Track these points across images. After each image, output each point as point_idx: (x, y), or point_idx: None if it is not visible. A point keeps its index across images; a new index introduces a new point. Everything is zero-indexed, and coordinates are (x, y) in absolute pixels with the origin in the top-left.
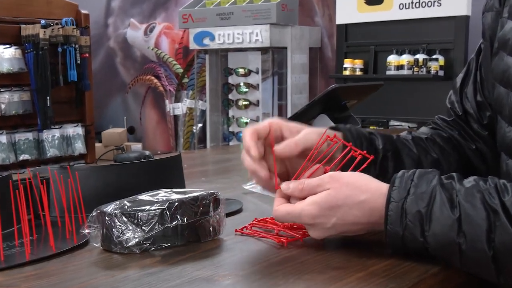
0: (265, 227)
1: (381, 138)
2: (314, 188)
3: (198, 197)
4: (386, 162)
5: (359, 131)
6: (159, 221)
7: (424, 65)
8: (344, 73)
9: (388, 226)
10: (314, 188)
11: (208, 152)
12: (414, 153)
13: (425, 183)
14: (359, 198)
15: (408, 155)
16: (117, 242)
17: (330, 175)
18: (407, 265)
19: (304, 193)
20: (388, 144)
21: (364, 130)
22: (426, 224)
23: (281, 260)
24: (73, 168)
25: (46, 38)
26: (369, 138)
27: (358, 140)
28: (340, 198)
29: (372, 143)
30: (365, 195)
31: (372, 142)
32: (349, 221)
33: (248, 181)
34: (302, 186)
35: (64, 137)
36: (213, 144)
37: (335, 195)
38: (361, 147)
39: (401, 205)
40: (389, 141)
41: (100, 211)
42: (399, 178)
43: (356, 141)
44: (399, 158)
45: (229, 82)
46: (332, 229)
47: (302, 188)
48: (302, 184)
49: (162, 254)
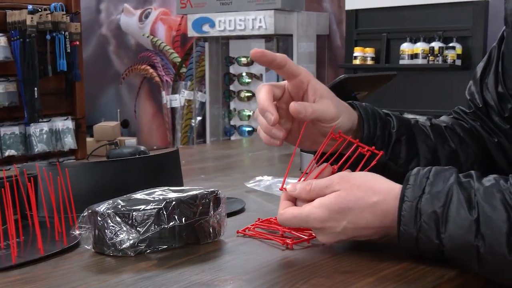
0: (269, 228)
1: (397, 120)
2: (323, 189)
3: (197, 195)
4: (398, 147)
5: (375, 110)
6: (155, 222)
7: (440, 54)
8: (354, 63)
9: (401, 227)
10: (322, 189)
11: (207, 148)
12: (431, 140)
13: (442, 181)
14: (371, 200)
15: (424, 142)
16: (110, 244)
17: (340, 176)
18: (421, 269)
19: (312, 194)
20: (403, 128)
21: (380, 110)
22: (442, 225)
23: (286, 264)
24: (62, 165)
25: (33, 24)
26: (384, 119)
27: (372, 119)
28: (351, 200)
29: (386, 125)
30: (378, 196)
31: (385, 124)
32: (360, 225)
33: (251, 179)
34: (309, 187)
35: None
36: (213, 139)
37: (346, 197)
38: (375, 127)
39: (416, 205)
40: (405, 125)
41: (92, 211)
42: (414, 176)
43: (370, 120)
44: (414, 144)
45: (230, 72)
46: (342, 233)
47: (310, 189)
48: (310, 185)
49: (158, 257)
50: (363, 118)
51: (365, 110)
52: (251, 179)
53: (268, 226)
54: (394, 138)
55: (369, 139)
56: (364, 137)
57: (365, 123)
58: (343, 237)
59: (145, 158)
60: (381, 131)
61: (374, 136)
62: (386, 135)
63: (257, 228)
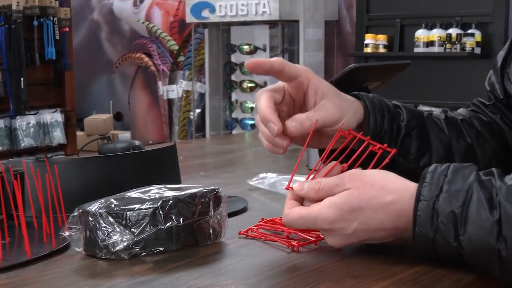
0: (274, 228)
1: (407, 112)
2: (333, 188)
3: (196, 194)
4: (408, 141)
5: (382, 102)
6: (150, 222)
7: (458, 41)
8: (366, 51)
9: (417, 228)
10: (332, 188)
11: (207, 142)
12: (445, 135)
13: (461, 179)
14: (385, 200)
15: (437, 136)
16: (102, 247)
17: (351, 173)
18: (437, 273)
19: (321, 194)
20: (414, 121)
21: (389, 101)
22: (461, 226)
23: (292, 267)
24: (51, 161)
25: (19, 10)
26: (393, 111)
27: (379, 112)
28: (363, 199)
29: (395, 118)
30: (392, 195)
31: (394, 117)
32: (373, 227)
33: (254, 176)
34: (318, 186)
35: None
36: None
37: (358, 196)
38: (382, 120)
39: (432, 204)
40: (416, 118)
41: (83, 211)
42: (431, 173)
43: (377, 113)
44: (426, 139)
45: (232, 61)
46: (353, 235)
47: (319, 188)
48: (319, 183)
49: (154, 260)
50: (369, 111)
51: (372, 102)
52: (254, 176)
53: (272, 227)
54: (404, 132)
55: (376, 133)
56: (370, 131)
57: (371, 116)
58: (354, 239)
59: (140, 153)
60: (389, 125)
61: (381, 130)
62: (394, 128)
63: (261, 229)
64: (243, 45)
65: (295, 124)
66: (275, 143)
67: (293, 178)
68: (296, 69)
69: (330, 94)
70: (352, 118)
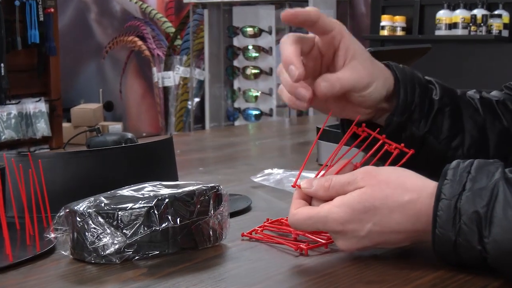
0: (280, 230)
1: (440, 88)
2: (345, 186)
3: (195, 192)
4: (440, 119)
5: (414, 74)
6: (144, 223)
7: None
8: (382, 33)
9: (437, 229)
10: (344, 186)
11: (207, 135)
12: (480, 115)
13: (485, 176)
14: (402, 199)
15: (471, 117)
16: (91, 250)
17: (364, 170)
18: (460, 279)
19: (332, 192)
20: (447, 98)
21: (421, 75)
22: (486, 228)
23: (300, 273)
24: (35, 155)
25: None
26: (425, 85)
27: (410, 84)
28: (378, 198)
29: (427, 92)
30: (410, 194)
31: (426, 91)
32: (388, 228)
33: (258, 172)
34: (329, 184)
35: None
36: (213, 124)
37: (372, 194)
38: (413, 93)
39: (454, 204)
40: (449, 95)
41: (70, 210)
42: (453, 170)
43: (407, 85)
44: (459, 118)
45: (234, 45)
46: (366, 238)
47: (329, 186)
48: (329, 181)
49: (148, 265)
50: (400, 81)
51: (403, 72)
52: (259, 172)
53: (278, 228)
54: (436, 107)
55: (406, 106)
56: (400, 103)
57: (402, 87)
58: (367, 242)
59: (132, 147)
60: (420, 98)
61: (412, 103)
62: (426, 103)
63: (266, 230)
64: (246, 27)
65: (326, 85)
66: (297, 94)
67: (301, 174)
68: (330, 22)
69: (362, 55)
70: (381, 86)
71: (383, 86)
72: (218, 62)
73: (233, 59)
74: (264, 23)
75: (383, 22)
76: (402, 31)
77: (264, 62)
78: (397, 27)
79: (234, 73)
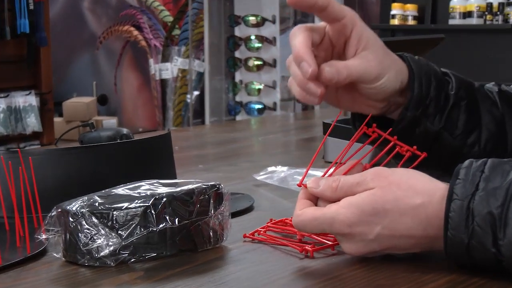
0: (284, 231)
1: (456, 81)
2: (353, 187)
3: (194, 190)
4: (456, 113)
5: (430, 66)
6: (141, 224)
7: (500, 12)
8: (392, 23)
9: (449, 231)
10: (353, 187)
11: (207, 130)
12: (498, 110)
13: (500, 175)
14: (413, 202)
15: (489, 111)
16: (84, 252)
17: (375, 171)
18: (474, 282)
19: (339, 193)
20: (464, 91)
21: (437, 67)
22: (500, 230)
23: (305, 276)
24: (25, 152)
25: None
26: (440, 78)
27: (426, 76)
28: (389, 200)
29: (442, 86)
30: (422, 197)
31: (442, 84)
32: (398, 232)
33: (261, 170)
34: (336, 184)
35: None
36: (214, 119)
37: (382, 196)
38: (428, 86)
39: (467, 204)
40: (466, 87)
41: (62, 210)
42: (465, 169)
43: (422, 77)
44: (476, 112)
45: (235, 35)
46: (375, 242)
47: (337, 186)
48: (337, 181)
49: (145, 268)
50: (414, 74)
51: (418, 64)
52: (262, 170)
53: (282, 228)
54: (452, 101)
55: (420, 100)
56: (414, 97)
57: (416, 80)
58: (376, 246)
59: (128, 143)
60: (435, 92)
61: (427, 97)
62: (442, 97)
63: (269, 231)
64: (248, 16)
65: (330, 70)
66: (307, 89)
67: (308, 173)
68: (341, 9)
69: (375, 45)
70: (394, 78)
71: (395, 78)
72: (218, 53)
73: (235, 50)
74: (267, 11)
75: (394, 10)
76: (413, 20)
77: (268, 53)
78: (408, 16)
79: (235, 64)
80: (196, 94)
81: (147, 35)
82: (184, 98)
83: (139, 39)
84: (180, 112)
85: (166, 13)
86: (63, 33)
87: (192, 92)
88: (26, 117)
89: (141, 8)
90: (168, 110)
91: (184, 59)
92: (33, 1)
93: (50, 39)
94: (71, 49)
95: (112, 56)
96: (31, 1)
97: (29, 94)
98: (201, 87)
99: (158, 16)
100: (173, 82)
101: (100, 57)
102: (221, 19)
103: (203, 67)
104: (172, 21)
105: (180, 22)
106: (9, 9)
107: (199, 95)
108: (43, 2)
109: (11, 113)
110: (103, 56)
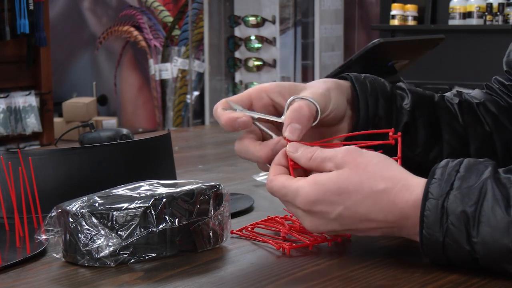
0: (271, 228)
1: (413, 97)
2: (324, 161)
3: (194, 191)
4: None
5: (377, 84)
6: (141, 224)
7: (500, 12)
8: (392, 23)
9: (425, 230)
10: (324, 161)
11: (207, 130)
12: (459, 123)
13: (475, 175)
14: (376, 187)
15: (450, 125)
16: (84, 252)
17: (347, 150)
18: (474, 283)
19: (312, 163)
20: (422, 108)
21: (387, 82)
22: (474, 228)
23: (306, 276)
24: (24, 152)
25: None
26: (389, 95)
27: (371, 97)
28: (353, 182)
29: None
30: (385, 183)
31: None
32: (359, 215)
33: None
34: (311, 155)
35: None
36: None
37: (348, 177)
38: (375, 106)
39: (442, 203)
40: (424, 103)
41: (62, 211)
42: (441, 169)
43: (368, 98)
44: (436, 128)
45: (235, 35)
46: (336, 222)
47: (312, 156)
48: (313, 152)
49: (145, 268)
50: (358, 95)
51: (363, 84)
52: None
53: (271, 226)
54: (407, 118)
55: (368, 120)
56: (361, 118)
57: (361, 100)
58: (337, 226)
59: (128, 143)
60: (384, 110)
61: (375, 116)
62: (393, 114)
63: (258, 228)
64: (248, 16)
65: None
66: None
67: None
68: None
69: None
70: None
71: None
72: (218, 53)
73: (235, 50)
74: (267, 11)
75: (394, 11)
76: (413, 21)
77: (268, 53)
78: (408, 16)
79: (235, 65)
80: (196, 95)
81: (147, 36)
82: (184, 98)
83: (139, 39)
84: (180, 113)
85: (166, 13)
86: (63, 33)
87: (192, 92)
88: (26, 118)
89: (141, 9)
90: (168, 111)
91: (184, 60)
92: (33, 1)
93: (50, 39)
94: (71, 49)
95: (112, 57)
96: (31, 1)
97: (29, 94)
98: (201, 88)
99: (158, 16)
100: (173, 83)
101: (100, 57)
102: (221, 19)
103: (203, 68)
104: (172, 22)
105: (180, 22)
106: (9, 9)
107: (199, 96)
108: (43, 2)
109: (11, 114)
110: (103, 57)
